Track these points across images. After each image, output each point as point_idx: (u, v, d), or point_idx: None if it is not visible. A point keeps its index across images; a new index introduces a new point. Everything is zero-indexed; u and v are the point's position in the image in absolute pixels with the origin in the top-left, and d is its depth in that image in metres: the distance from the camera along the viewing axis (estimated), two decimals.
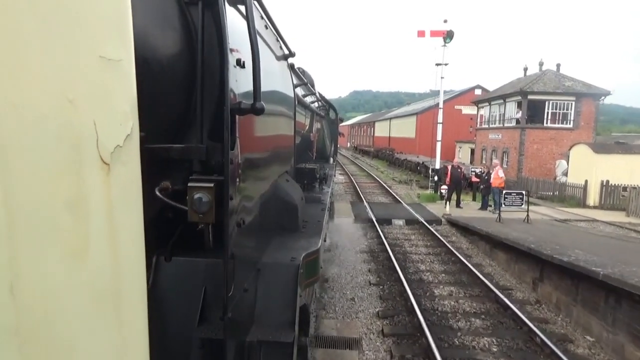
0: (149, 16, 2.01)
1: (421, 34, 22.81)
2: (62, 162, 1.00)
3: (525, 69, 34.63)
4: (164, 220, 2.35)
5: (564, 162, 26.08)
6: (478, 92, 45.67)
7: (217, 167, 2.28)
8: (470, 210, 17.48)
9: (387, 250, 11.47)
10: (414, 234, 14.20)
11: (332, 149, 13.74)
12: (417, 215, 15.78)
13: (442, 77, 23.43)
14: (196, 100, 2.35)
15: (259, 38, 2.53)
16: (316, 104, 9.53)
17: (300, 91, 6.41)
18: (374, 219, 15.07)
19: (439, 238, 13.12)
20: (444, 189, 19.04)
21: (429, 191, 22.96)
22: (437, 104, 23.71)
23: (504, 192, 14.84)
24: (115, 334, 1.25)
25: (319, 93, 10.96)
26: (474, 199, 20.16)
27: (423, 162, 32.66)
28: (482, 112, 36.95)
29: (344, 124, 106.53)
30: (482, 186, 17.62)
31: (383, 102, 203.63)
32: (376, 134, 70.64)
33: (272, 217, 3.71)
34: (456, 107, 46.04)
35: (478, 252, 12.32)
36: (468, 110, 44.56)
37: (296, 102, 5.33)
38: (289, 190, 4.19)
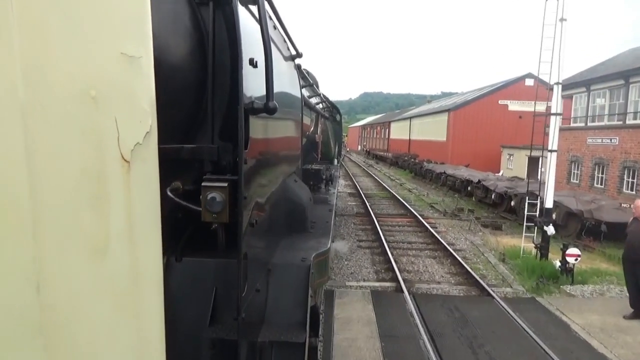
0: (160, 15, 2.01)
1: None
2: (85, 160, 0.99)
3: None
4: (174, 220, 2.34)
5: None
6: (529, 82, 33.13)
7: (228, 168, 2.30)
8: None
9: None
10: None
11: (336, 150, 13.57)
12: None
13: (561, 19, 10.23)
14: (207, 100, 2.36)
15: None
16: (320, 105, 9.47)
17: (306, 92, 6.39)
18: None
19: None
20: (572, 255, 9.77)
21: (523, 246, 11.46)
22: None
23: None
24: (134, 332, 1.26)
25: (323, 94, 10.84)
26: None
27: (480, 181, 19.68)
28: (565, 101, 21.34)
29: (354, 125, 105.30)
30: None
31: (394, 104, 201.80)
32: (392, 137, 59.78)
33: (281, 218, 3.73)
34: (501, 102, 35.43)
35: None
36: (516, 106, 34.42)
37: (303, 103, 5.31)
38: (298, 190, 4.20)
